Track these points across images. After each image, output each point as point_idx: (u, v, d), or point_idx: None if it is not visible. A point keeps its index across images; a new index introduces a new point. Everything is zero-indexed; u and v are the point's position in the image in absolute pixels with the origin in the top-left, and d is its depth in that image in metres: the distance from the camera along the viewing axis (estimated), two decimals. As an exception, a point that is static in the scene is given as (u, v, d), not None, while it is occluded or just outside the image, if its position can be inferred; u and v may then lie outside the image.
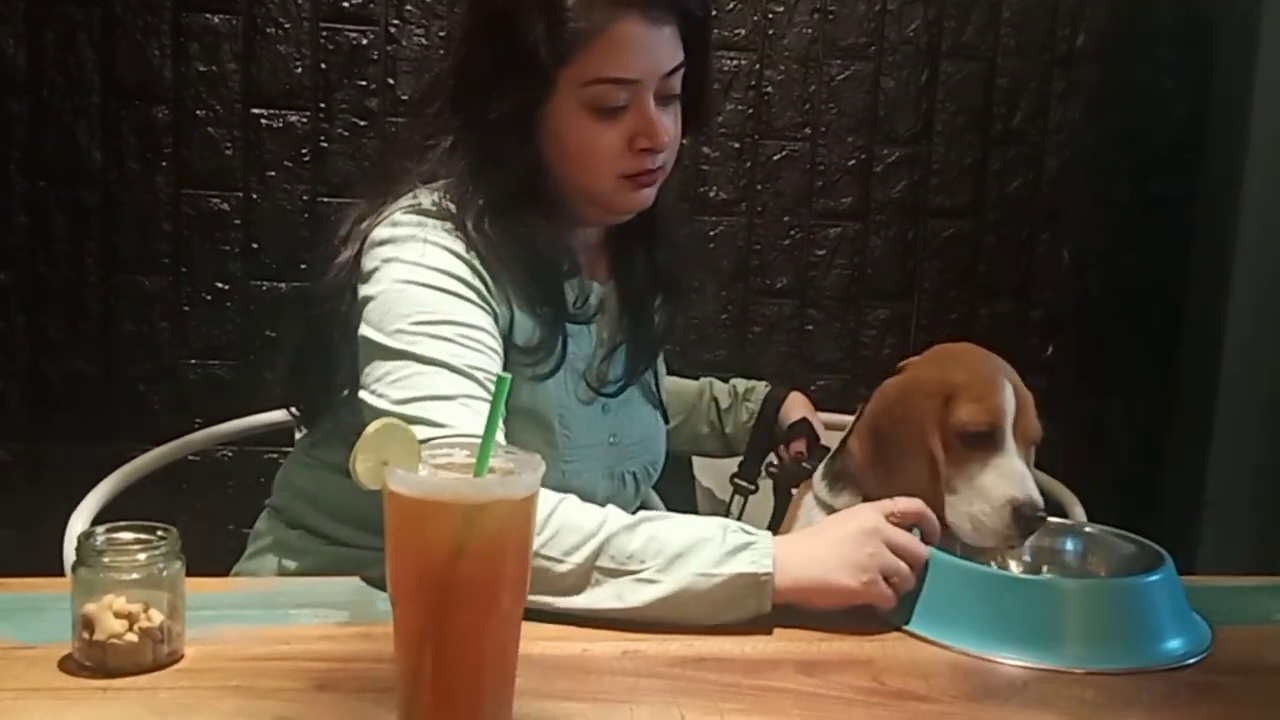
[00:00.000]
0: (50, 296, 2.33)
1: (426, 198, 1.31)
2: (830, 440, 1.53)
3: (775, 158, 2.55)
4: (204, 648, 0.99)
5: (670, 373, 1.66)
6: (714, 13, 2.46)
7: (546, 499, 1.11)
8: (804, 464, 1.54)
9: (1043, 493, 1.80)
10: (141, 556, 0.97)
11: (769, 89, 2.53)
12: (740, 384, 1.71)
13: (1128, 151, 2.65)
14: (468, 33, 1.34)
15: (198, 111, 2.33)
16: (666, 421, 1.54)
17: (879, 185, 2.59)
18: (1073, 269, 2.68)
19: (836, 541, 1.13)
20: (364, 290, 1.26)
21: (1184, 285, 2.67)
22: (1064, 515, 1.75)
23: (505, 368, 1.26)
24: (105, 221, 2.33)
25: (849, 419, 1.98)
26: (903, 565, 1.12)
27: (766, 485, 1.67)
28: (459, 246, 1.26)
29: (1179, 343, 2.68)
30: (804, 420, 1.61)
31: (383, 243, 1.27)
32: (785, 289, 2.59)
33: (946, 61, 2.59)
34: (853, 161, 2.58)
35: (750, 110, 2.52)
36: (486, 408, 1.17)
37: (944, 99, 2.59)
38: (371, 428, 0.81)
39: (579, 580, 1.09)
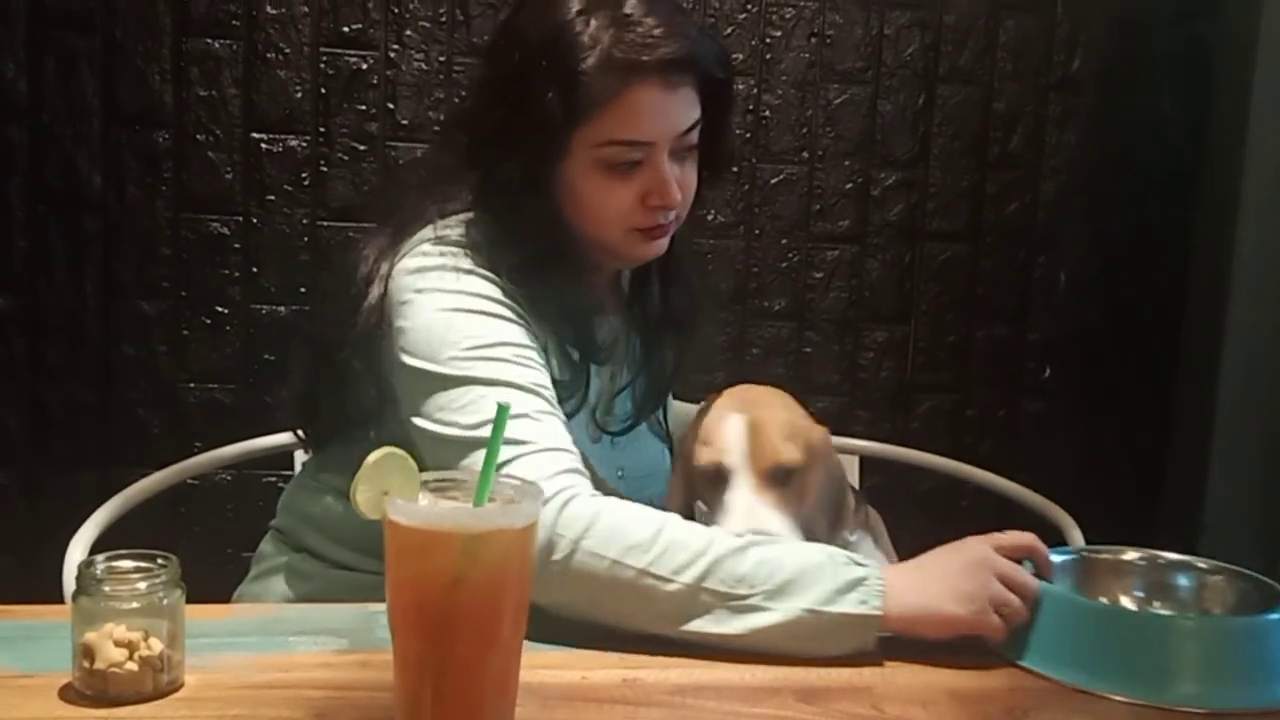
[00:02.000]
0: (50, 321, 2.33)
1: (450, 230, 1.30)
2: None
3: (773, 181, 2.56)
4: (204, 676, 0.99)
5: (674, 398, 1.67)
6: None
7: (650, 516, 1.11)
8: None
9: (1039, 516, 1.82)
10: (142, 585, 0.97)
11: (766, 113, 2.54)
12: None
13: (1124, 176, 2.66)
14: (482, 89, 1.33)
15: (198, 136, 2.34)
16: (672, 453, 1.54)
17: (876, 208, 2.60)
18: (1070, 293, 2.68)
19: (945, 572, 1.12)
20: (399, 323, 1.25)
21: (1181, 308, 2.68)
22: (1062, 540, 1.75)
23: None
24: (105, 246, 2.33)
25: (849, 441, 2.01)
26: (1013, 597, 1.11)
27: None
28: (491, 274, 1.26)
29: (1176, 366, 2.69)
30: None
31: (413, 273, 1.27)
32: (783, 311, 2.60)
33: (943, 86, 2.60)
34: (850, 185, 2.59)
35: (748, 134, 2.53)
36: (557, 421, 1.20)
37: (941, 123, 2.61)
38: (372, 457, 0.82)
39: (686, 601, 1.08)
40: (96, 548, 1.57)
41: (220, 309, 2.38)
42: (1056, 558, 1.21)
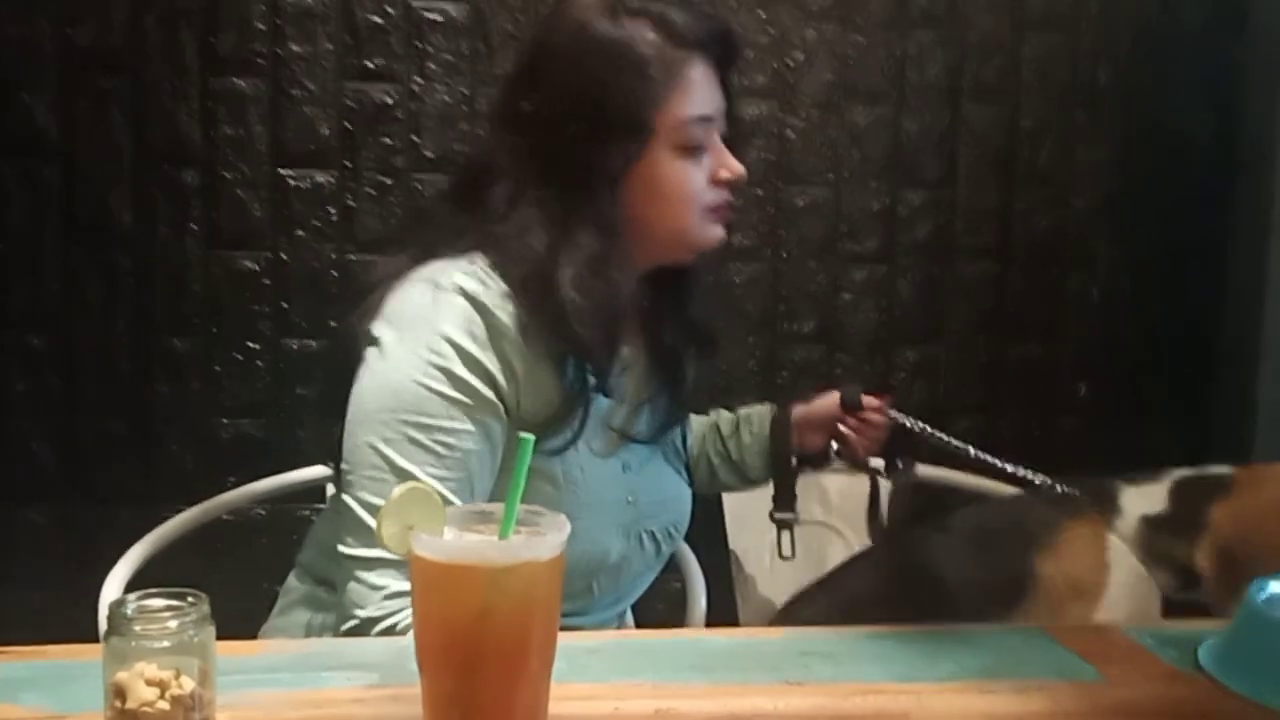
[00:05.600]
0: (84, 358, 2.36)
1: (458, 273, 1.30)
2: None
3: (800, 203, 2.56)
4: (235, 713, 0.99)
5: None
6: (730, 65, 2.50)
7: None
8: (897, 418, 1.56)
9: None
10: (172, 624, 0.96)
11: (791, 135, 2.54)
12: (743, 410, 1.70)
13: (1155, 191, 2.64)
14: (546, 107, 1.32)
15: (226, 174, 2.36)
16: (691, 484, 1.54)
17: (904, 229, 2.59)
18: (1102, 309, 2.66)
19: None
20: (365, 360, 1.29)
21: (1215, 323, 2.65)
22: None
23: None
24: (137, 284, 2.36)
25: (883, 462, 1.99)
26: None
27: (806, 512, 1.67)
28: (470, 334, 1.27)
29: (1211, 382, 2.66)
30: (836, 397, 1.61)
31: (394, 316, 1.29)
32: (813, 333, 2.59)
33: (969, 104, 2.59)
34: (877, 205, 2.58)
35: (773, 157, 2.53)
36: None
37: (967, 141, 2.60)
38: (396, 492, 0.82)
39: None
40: (132, 585, 1.57)
41: (251, 344, 2.40)
42: None
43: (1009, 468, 1.50)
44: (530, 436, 0.85)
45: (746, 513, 1.93)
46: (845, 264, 2.58)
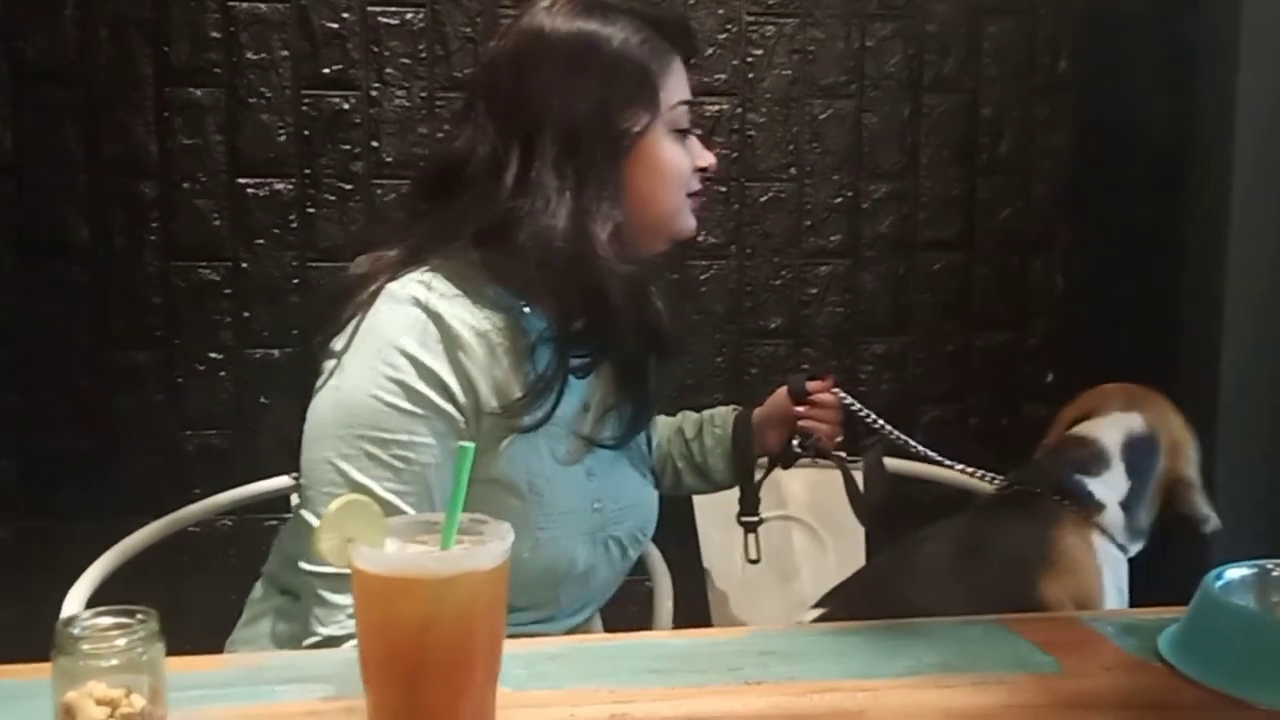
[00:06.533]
0: (43, 375, 2.34)
1: (413, 283, 1.29)
2: None
3: (762, 199, 2.56)
4: (188, 730, 0.98)
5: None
6: (692, 60, 2.50)
7: None
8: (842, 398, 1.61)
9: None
10: (121, 642, 0.95)
11: (752, 132, 2.54)
12: (706, 411, 1.71)
13: (1115, 176, 2.65)
14: (554, 88, 1.32)
15: (184, 184, 2.34)
16: (657, 487, 1.53)
17: (867, 221, 2.60)
18: (1067, 295, 2.67)
19: None
20: (323, 374, 1.27)
21: (1178, 306, 2.66)
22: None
23: (489, 430, 1.27)
24: (96, 297, 2.34)
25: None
26: None
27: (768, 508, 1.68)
28: (423, 344, 1.26)
29: (1177, 365, 2.67)
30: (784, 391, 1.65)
31: (365, 329, 1.27)
32: (779, 329, 2.59)
33: (928, 95, 2.60)
34: (839, 199, 2.58)
35: (734, 154, 2.52)
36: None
37: (928, 132, 2.60)
38: (333, 505, 0.81)
39: None
40: (95, 599, 1.56)
41: (213, 355, 2.38)
42: (1237, 572, 1.17)
43: (944, 461, 1.57)
44: (470, 445, 0.84)
45: (717, 514, 1.93)
46: (809, 258, 2.58)
